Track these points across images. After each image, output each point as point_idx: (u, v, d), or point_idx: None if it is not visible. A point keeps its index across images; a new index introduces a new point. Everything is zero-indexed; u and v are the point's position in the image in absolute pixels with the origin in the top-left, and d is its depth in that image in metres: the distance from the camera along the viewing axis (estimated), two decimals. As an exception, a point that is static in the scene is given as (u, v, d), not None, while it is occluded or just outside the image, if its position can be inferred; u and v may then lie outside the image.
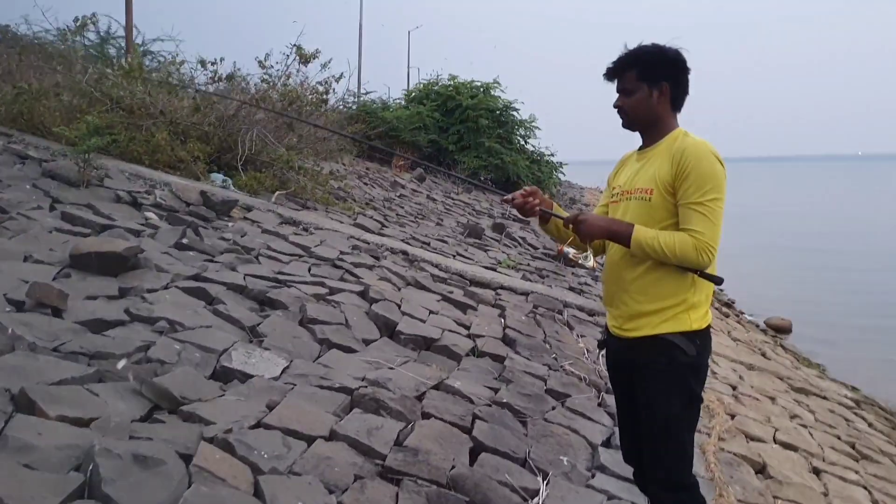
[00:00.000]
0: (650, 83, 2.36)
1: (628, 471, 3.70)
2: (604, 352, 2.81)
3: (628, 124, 2.49)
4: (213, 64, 10.12)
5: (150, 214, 6.04)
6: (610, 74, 2.45)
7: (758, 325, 11.67)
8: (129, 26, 14.20)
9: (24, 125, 8.09)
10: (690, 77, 2.43)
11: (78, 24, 10.34)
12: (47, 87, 8.60)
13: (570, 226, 2.42)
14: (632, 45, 2.42)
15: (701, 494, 2.48)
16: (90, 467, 2.21)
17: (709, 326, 2.43)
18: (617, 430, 4.21)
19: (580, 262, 2.37)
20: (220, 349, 3.67)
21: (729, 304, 13.12)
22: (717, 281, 2.38)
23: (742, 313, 12.57)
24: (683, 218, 2.27)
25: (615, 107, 2.48)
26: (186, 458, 2.49)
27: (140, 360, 3.31)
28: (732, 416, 5.04)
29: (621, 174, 2.59)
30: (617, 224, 2.35)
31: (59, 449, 2.31)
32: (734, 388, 5.97)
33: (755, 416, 5.25)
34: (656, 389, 2.38)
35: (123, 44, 15.07)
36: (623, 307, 2.46)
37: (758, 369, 7.08)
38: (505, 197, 2.58)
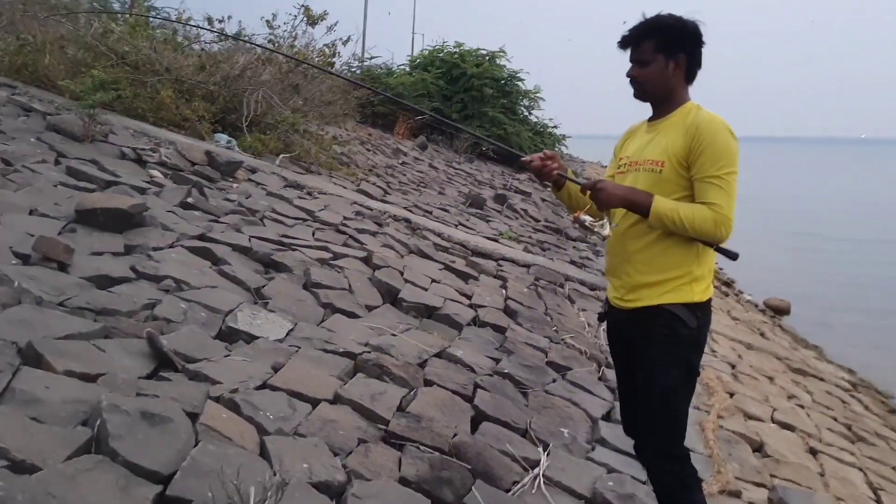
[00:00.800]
0: (667, 54, 2.32)
1: (628, 444, 3.73)
2: (604, 325, 2.78)
3: (641, 95, 2.43)
4: (220, 21, 9.97)
5: (154, 172, 5.99)
6: (625, 43, 2.40)
7: (756, 306, 11.70)
8: (133, -21, 13.96)
9: (29, 77, 7.99)
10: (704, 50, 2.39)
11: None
12: (52, 39, 8.47)
13: (588, 193, 2.36)
14: (650, 15, 2.37)
15: (692, 465, 2.49)
16: (97, 422, 2.21)
17: (710, 300, 2.42)
18: (618, 404, 4.26)
19: (596, 229, 2.33)
20: (226, 310, 3.67)
21: (729, 284, 13.15)
22: (733, 256, 2.37)
23: (742, 293, 12.61)
24: (700, 191, 2.25)
25: (628, 76, 2.42)
26: (193, 417, 2.50)
27: (146, 317, 3.30)
28: (731, 395, 5.07)
29: (629, 145, 2.55)
30: (636, 193, 2.30)
31: (67, 403, 2.31)
32: (733, 366, 6.00)
33: (753, 395, 5.29)
34: (655, 360, 2.37)
35: (128, -1, 14.84)
36: (626, 277, 2.43)
37: (756, 349, 7.11)
38: (524, 158, 2.51)
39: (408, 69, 23.34)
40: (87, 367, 2.58)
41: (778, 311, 11.66)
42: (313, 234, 5.81)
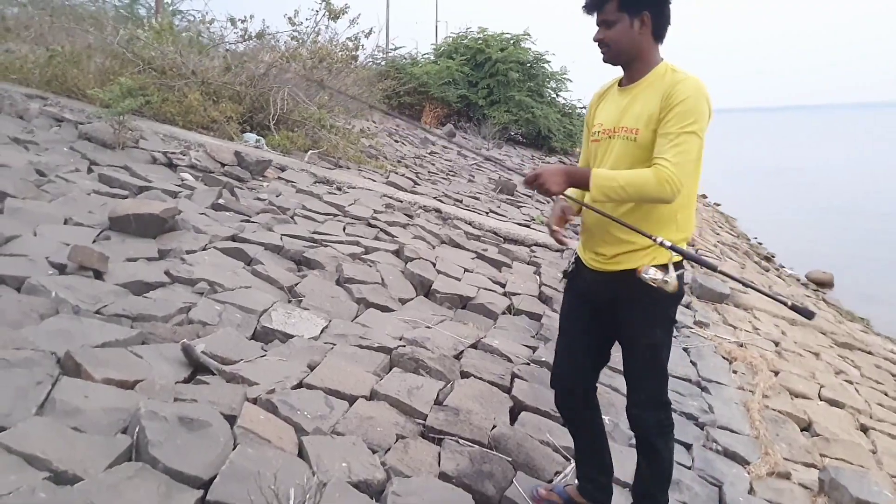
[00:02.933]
0: (631, 13, 2.25)
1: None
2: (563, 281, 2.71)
3: (610, 58, 2.35)
4: (242, 21, 10.02)
5: (185, 175, 6.05)
6: (590, 7, 2.34)
7: (798, 280, 11.43)
8: (157, -15, 14.10)
9: (59, 88, 8.13)
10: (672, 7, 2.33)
11: (108, -16, 10.28)
12: (79, 49, 8.60)
13: (531, 187, 2.29)
14: None
15: (671, 413, 2.54)
16: (137, 430, 2.23)
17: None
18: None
19: (658, 284, 2.26)
20: (260, 309, 3.68)
21: (769, 258, 12.87)
22: (808, 315, 2.26)
23: (783, 267, 12.33)
24: (657, 148, 2.19)
25: (595, 40, 2.36)
26: (231, 420, 2.51)
27: (182, 321, 3.33)
28: (776, 373, 4.95)
29: (601, 111, 2.46)
30: (574, 174, 2.25)
31: (106, 411, 2.33)
32: (777, 343, 5.86)
33: (799, 372, 5.15)
34: (640, 322, 2.38)
35: (153, 3, 14.99)
36: (605, 246, 2.38)
37: (800, 324, 6.93)
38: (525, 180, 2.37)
39: (432, 58, 23.25)
40: (124, 374, 2.60)
41: (821, 284, 11.38)
42: (344, 230, 5.81)
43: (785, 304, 2.26)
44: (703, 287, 6.96)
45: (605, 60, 2.38)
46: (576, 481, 2.74)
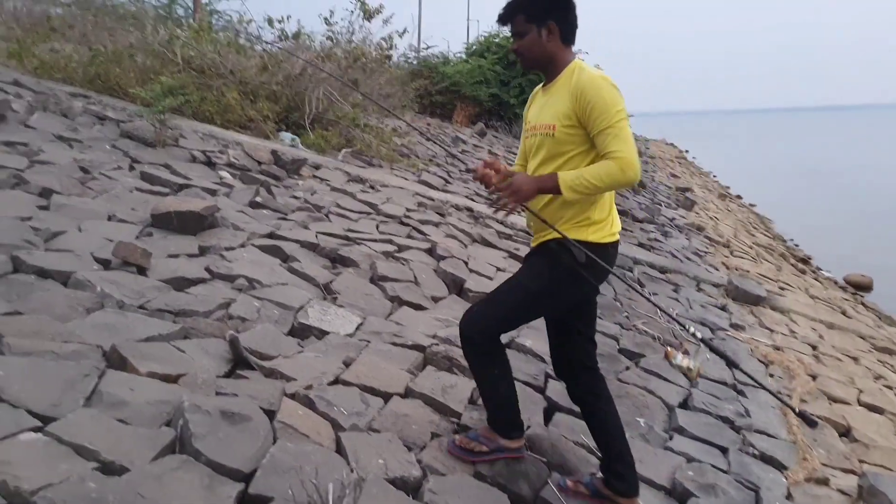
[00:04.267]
0: (538, 24, 2.47)
1: (708, 433, 3.67)
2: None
3: (526, 64, 2.60)
4: (280, 22, 10.14)
5: (224, 174, 6.15)
6: (502, 20, 2.58)
7: (836, 282, 11.22)
8: (195, -15, 14.31)
9: (101, 86, 8.32)
10: (577, 12, 2.54)
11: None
12: (121, 48, 8.78)
13: (498, 191, 2.51)
14: None
15: (506, 357, 2.79)
16: (180, 422, 2.28)
17: (608, 245, 2.57)
18: (695, 391, 4.15)
19: (684, 371, 2.33)
20: (297, 306, 3.73)
21: (805, 261, 12.65)
22: (812, 423, 2.28)
23: (819, 270, 12.11)
24: (600, 144, 2.39)
25: (512, 50, 2.62)
26: (270, 414, 2.56)
27: (222, 317, 3.39)
28: (814, 378, 4.88)
29: (531, 109, 2.69)
30: (543, 181, 2.46)
31: (151, 404, 2.39)
32: (814, 347, 5.77)
33: (837, 377, 5.07)
34: (529, 267, 2.63)
35: (191, 3, 15.23)
36: (536, 225, 2.63)
37: (838, 328, 6.82)
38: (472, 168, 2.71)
39: (464, 57, 23.24)
40: (168, 368, 2.67)
41: (859, 287, 11.15)
42: (377, 228, 5.86)
43: (793, 410, 2.41)
44: (738, 289, 6.89)
45: (523, 67, 2.66)
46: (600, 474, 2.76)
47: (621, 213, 10.76)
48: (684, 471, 3.17)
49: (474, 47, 23.56)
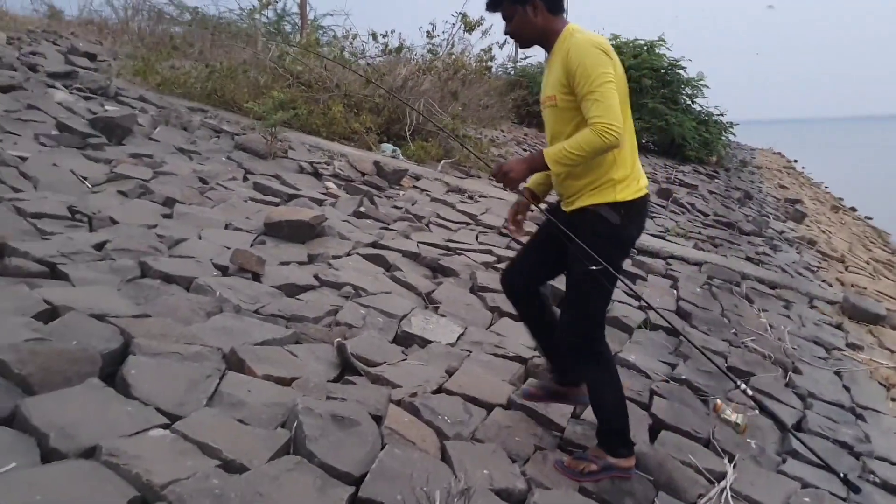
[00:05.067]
0: (522, 4, 2.54)
1: (824, 456, 3.46)
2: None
3: (523, 44, 2.68)
4: (384, 36, 10.40)
5: (329, 184, 6.37)
6: (490, 8, 2.66)
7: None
8: (303, 2, 14.88)
9: (217, 101, 8.79)
10: None
11: (262, 2, 10.98)
12: (235, 64, 9.25)
13: (499, 180, 2.62)
14: None
15: (613, 366, 2.78)
16: (294, 425, 2.37)
17: (637, 200, 2.60)
18: (808, 412, 3.94)
19: (730, 426, 2.34)
20: (401, 314, 3.81)
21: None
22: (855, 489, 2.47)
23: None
24: (584, 112, 2.44)
25: (505, 34, 2.67)
26: (377, 419, 2.62)
27: (330, 323, 3.51)
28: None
29: (543, 84, 2.73)
30: (532, 160, 2.57)
31: (267, 406, 2.50)
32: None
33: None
34: (577, 254, 2.58)
35: (298, 20, 15.86)
36: (562, 191, 2.72)
37: (971, 353, 6.29)
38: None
39: (563, 66, 23.07)
40: (282, 371, 2.78)
41: None
42: (477, 238, 5.89)
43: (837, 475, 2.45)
44: (855, 307, 6.49)
45: (520, 47, 2.77)
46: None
47: (727, 224, 10.43)
48: (800, 496, 3.01)
49: (573, 56, 23.34)
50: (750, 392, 2.39)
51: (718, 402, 2.46)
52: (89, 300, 2.89)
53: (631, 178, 2.60)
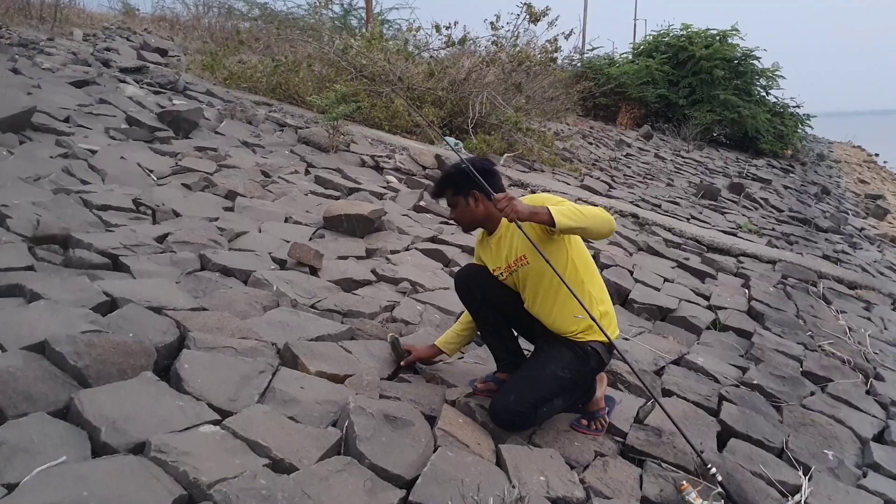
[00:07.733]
0: (464, 195, 2.77)
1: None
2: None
3: (464, 228, 2.92)
4: (447, 28, 10.33)
5: (390, 178, 6.34)
6: (435, 196, 2.95)
7: None
8: (369, -4, 14.94)
9: (282, 94, 8.89)
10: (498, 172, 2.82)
11: (327, -4, 11.06)
12: (300, 58, 9.33)
13: (499, 206, 2.54)
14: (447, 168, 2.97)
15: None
16: (346, 424, 2.32)
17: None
18: (892, 422, 3.68)
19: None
20: (457, 311, 3.72)
21: None
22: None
23: None
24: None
25: (450, 219, 2.94)
26: (431, 420, 2.55)
27: (386, 319, 3.46)
28: None
29: (486, 258, 2.90)
30: (537, 210, 2.47)
31: (319, 403, 2.46)
32: None
33: None
34: (560, 358, 2.69)
35: (364, 14, 15.95)
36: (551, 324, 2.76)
37: None
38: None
39: (630, 57, 22.56)
40: (335, 368, 2.74)
41: None
42: (539, 234, 5.76)
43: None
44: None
45: (463, 231, 2.98)
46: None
47: (802, 220, 9.97)
48: (882, 515, 2.80)
49: (641, 47, 22.81)
50: (720, 477, 2.47)
51: (684, 482, 2.40)
52: (148, 292, 2.91)
53: (611, 314, 2.80)
